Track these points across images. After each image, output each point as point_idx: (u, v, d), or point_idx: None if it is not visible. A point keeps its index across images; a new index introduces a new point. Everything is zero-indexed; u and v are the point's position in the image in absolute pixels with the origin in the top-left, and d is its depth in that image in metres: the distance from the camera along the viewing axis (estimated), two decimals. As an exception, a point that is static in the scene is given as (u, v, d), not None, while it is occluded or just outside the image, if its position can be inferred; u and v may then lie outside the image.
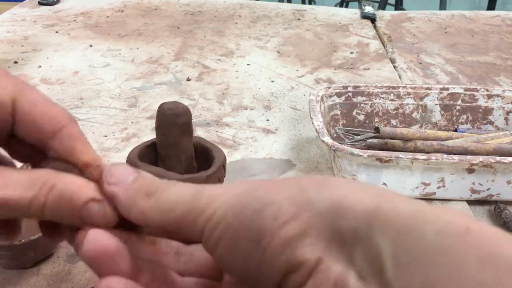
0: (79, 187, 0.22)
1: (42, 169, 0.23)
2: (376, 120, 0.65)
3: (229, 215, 0.19)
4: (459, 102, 0.65)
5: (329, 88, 0.64)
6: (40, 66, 0.84)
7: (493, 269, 0.15)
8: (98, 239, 0.20)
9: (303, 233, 0.18)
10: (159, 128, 0.44)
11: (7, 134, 0.23)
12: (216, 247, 0.19)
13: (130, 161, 0.45)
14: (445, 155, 0.50)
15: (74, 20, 1.07)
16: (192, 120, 0.45)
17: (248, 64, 0.89)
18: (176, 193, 0.21)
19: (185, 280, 0.23)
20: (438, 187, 0.52)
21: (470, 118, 0.66)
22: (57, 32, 1.00)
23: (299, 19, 1.15)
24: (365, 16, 1.16)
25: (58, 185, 0.22)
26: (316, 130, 0.53)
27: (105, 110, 0.71)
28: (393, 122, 0.65)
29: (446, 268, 0.15)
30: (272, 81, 0.83)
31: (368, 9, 1.18)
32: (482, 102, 0.65)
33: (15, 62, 0.85)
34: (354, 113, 0.65)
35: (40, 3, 1.16)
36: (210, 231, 0.19)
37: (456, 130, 0.65)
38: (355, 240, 0.17)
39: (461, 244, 0.16)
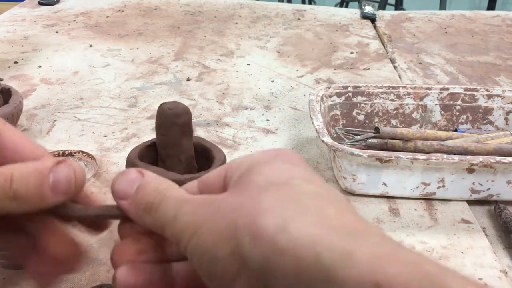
0: (41, 159, 0.23)
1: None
2: (376, 120, 0.65)
3: (194, 256, 0.21)
4: (459, 102, 0.65)
5: (329, 88, 0.64)
6: (40, 66, 0.84)
7: None
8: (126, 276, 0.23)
9: None
10: (159, 128, 0.44)
11: None
12: (196, 270, 0.21)
13: (130, 161, 0.45)
14: (445, 155, 0.50)
15: (74, 20, 1.07)
16: (192, 120, 0.45)
17: (248, 64, 0.89)
18: (165, 214, 0.22)
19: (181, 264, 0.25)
20: (438, 187, 0.52)
21: (470, 118, 0.66)
22: (57, 32, 1.00)
23: (299, 19, 1.15)
24: (365, 16, 1.16)
25: (21, 164, 0.22)
26: (316, 130, 0.53)
27: (105, 110, 0.71)
28: (393, 122, 0.65)
29: None
30: (272, 81, 0.83)
31: (368, 9, 1.18)
32: (482, 102, 0.65)
33: (15, 62, 0.85)
34: (354, 113, 0.65)
35: (40, 3, 1.16)
36: (188, 258, 0.21)
37: (456, 130, 0.65)
38: None
39: None
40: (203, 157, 0.47)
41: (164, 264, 0.24)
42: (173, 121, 0.43)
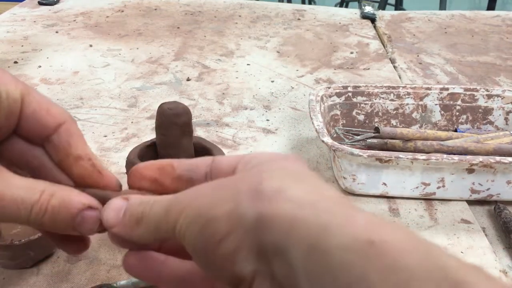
0: (76, 195, 0.24)
1: (41, 180, 0.25)
2: (376, 120, 0.65)
3: (188, 228, 0.21)
4: (459, 102, 0.65)
5: (329, 88, 0.64)
6: (40, 66, 0.84)
7: (393, 281, 0.16)
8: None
9: (236, 250, 0.19)
10: (159, 128, 0.44)
11: (12, 129, 0.25)
12: (187, 248, 0.22)
13: (130, 161, 0.45)
14: (445, 155, 0.50)
15: (74, 20, 1.07)
16: (192, 120, 0.45)
17: (248, 64, 0.89)
18: (155, 214, 0.23)
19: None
20: (438, 187, 0.52)
21: (470, 118, 0.66)
22: (57, 32, 1.00)
23: (299, 19, 1.15)
24: (365, 16, 1.16)
25: (58, 192, 0.24)
26: (316, 130, 0.53)
27: (105, 110, 0.71)
28: (393, 122, 0.65)
29: (350, 283, 0.16)
30: (272, 81, 0.83)
31: (368, 9, 1.18)
32: (482, 102, 0.65)
33: (15, 62, 0.85)
34: (354, 113, 0.65)
35: (40, 3, 1.16)
36: (181, 237, 0.22)
37: (456, 130, 0.65)
38: (275, 256, 0.18)
39: (363, 259, 0.16)
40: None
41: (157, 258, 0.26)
42: (173, 121, 0.43)
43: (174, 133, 0.44)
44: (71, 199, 0.24)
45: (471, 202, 0.54)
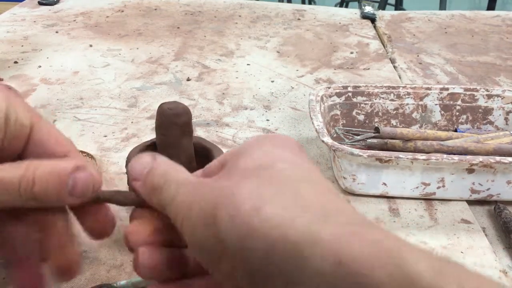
0: (62, 162, 0.25)
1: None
2: (376, 120, 0.65)
3: (186, 232, 0.22)
4: (459, 102, 0.65)
5: (329, 88, 0.64)
6: (40, 66, 0.84)
7: None
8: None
9: (233, 270, 0.20)
10: (159, 128, 0.44)
11: (17, 153, 0.26)
12: (189, 247, 0.23)
13: (130, 161, 0.45)
14: (445, 155, 0.50)
15: (74, 20, 1.07)
16: (192, 120, 0.45)
17: (248, 64, 0.89)
18: (166, 195, 0.24)
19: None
20: (438, 187, 0.52)
21: (470, 118, 0.66)
22: (57, 32, 1.00)
23: (299, 19, 1.15)
24: (365, 16, 1.16)
25: (43, 164, 0.24)
26: (316, 130, 0.53)
27: (105, 110, 0.71)
28: (393, 122, 0.65)
29: None
30: (272, 81, 0.83)
31: (368, 9, 1.18)
32: (482, 102, 0.65)
33: (15, 62, 0.85)
34: (354, 113, 0.65)
35: (40, 3, 1.16)
36: (182, 233, 0.23)
37: (456, 130, 0.65)
38: (263, 277, 0.19)
39: (335, 281, 0.17)
40: (203, 157, 0.47)
41: (178, 248, 0.26)
42: (173, 121, 0.43)
43: (174, 133, 0.44)
44: (58, 164, 0.24)
45: (471, 202, 0.54)
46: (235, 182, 0.21)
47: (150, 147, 0.48)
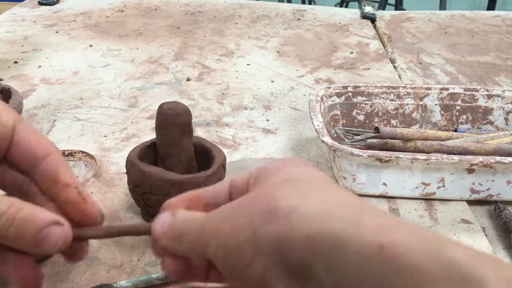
0: (43, 211, 0.25)
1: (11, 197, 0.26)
2: (376, 120, 0.65)
3: (217, 253, 0.23)
4: (459, 102, 0.65)
5: (329, 88, 0.64)
6: (40, 66, 0.84)
7: (404, 282, 0.17)
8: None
9: (266, 272, 0.20)
10: (159, 128, 0.44)
11: (2, 155, 0.27)
12: (221, 271, 0.23)
13: (130, 161, 0.45)
14: (445, 155, 0.50)
15: (74, 20, 1.07)
16: (192, 120, 0.45)
17: (248, 64, 0.89)
18: (191, 235, 0.25)
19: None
20: (438, 187, 0.52)
21: (470, 118, 0.66)
22: (57, 32, 1.00)
23: (299, 19, 1.15)
24: (365, 16, 1.16)
25: (27, 207, 0.25)
26: (316, 130, 0.53)
27: (105, 110, 0.71)
28: (393, 122, 0.65)
29: (368, 286, 0.17)
30: (272, 81, 0.83)
31: (368, 9, 1.18)
32: (482, 102, 0.65)
33: (15, 62, 0.85)
34: (354, 113, 0.65)
35: (40, 3, 1.16)
36: (214, 260, 0.23)
37: (456, 130, 0.65)
38: (303, 271, 0.19)
39: (375, 264, 0.17)
40: (203, 157, 0.47)
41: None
42: (173, 121, 0.43)
43: (174, 133, 0.44)
44: (38, 213, 0.25)
45: (471, 202, 0.54)
46: (267, 191, 0.22)
47: (150, 147, 0.48)
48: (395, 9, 2.40)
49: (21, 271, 0.26)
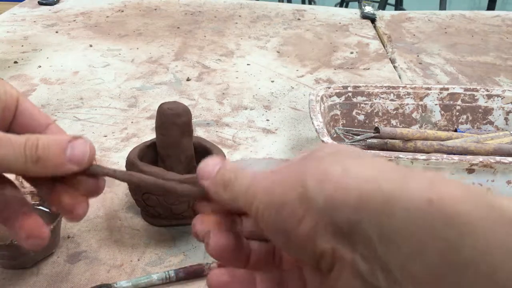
0: (59, 135, 0.27)
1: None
2: (376, 120, 0.65)
3: (264, 212, 0.23)
4: (459, 102, 0.65)
5: (329, 88, 0.64)
6: (40, 66, 0.84)
7: (455, 229, 0.18)
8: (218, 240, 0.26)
9: (314, 228, 0.21)
10: (159, 128, 0.44)
11: (9, 122, 0.28)
12: (265, 230, 0.24)
13: (130, 161, 0.45)
14: (445, 155, 0.50)
15: (74, 20, 1.07)
16: (192, 120, 0.45)
17: (248, 64, 0.89)
18: (238, 188, 0.25)
19: (252, 242, 0.28)
20: (438, 187, 0.52)
21: (470, 118, 0.66)
22: (57, 32, 1.00)
23: (299, 19, 1.15)
24: (365, 16, 1.16)
25: (42, 136, 0.26)
26: (316, 130, 0.53)
27: (105, 110, 0.71)
28: (393, 122, 0.65)
29: (418, 240, 0.18)
30: (272, 81, 0.83)
31: (368, 9, 1.18)
32: (482, 102, 0.65)
33: (15, 62, 0.85)
34: (354, 113, 0.65)
35: (40, 3, 1.16)
36: (258, 218, 0.24)
37: (456, 130, 0.65)
38: (351, 230, 0.20)
39: (425, 216, 0.18)
40: (203, 157, 0.47)
41: (240, 238, 0.27)
42: (173, 121, 0.43)
43: (174, 133, 0.44)
44: (56, 136, 0.27)
45: (471, 202, 0.54)
46: (317, 159, 0.23)
47: (150, 147, 0.48)
48: (395, 9, 2.40)
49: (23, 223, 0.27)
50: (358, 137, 0.60)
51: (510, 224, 0.17)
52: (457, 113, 0.66)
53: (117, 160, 0.59)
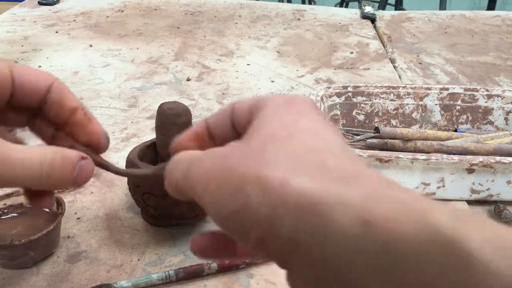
0: (70, 151, 0.28)
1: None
2: (376, 120, 0.65)
3: (215, 220, 0.22)
4: (459, 102, 0.65)
5: (329, 88, 0.64)
6: (40, 66, 0.84)
7: (390, 259, 0.17)
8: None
9: (263, 239, 0.20)
10: (159, 128, 0.44)
11: (6, 100, 0.28)
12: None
13: (130, 161, 0.45)
14: (445, 155, 0.50)
15: (74, 20, 1.07)
16: (192, 120, 0.45)
17: (248, 64, 0.89)
18: (175, 176, 0.25)
19: None
20: (438, 187, 0.52)
21: (470, 118, 0.66)
22: (57, 32, 1.00)
23: (299, 19, 1.15)
24: (365, 16, 1.16)
25: (58, 150, 0.27)
26: (316, 130, 0.53)
27: (105, 110, 0.71)
28: (393, 122, 0.65)
29: (355, 268, 0.18)
30: (272, 81, 0.83)
31: (368, 9, 1.18)
32: (482, 102, 0.65)
33: (15, 62, 0.85)
34: (354, 113, 0.65)
35: (40, 3, 1.16)
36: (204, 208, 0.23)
37: (456, 130, 0.65)
38: (294, 248, 0.20)
39: (360, 245, 0.17)
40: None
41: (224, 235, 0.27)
42: (173, 121, 0.43)
43: (174, 133, 0.44)
44: (69, 152, 0.27)
45: (471, 202, 0.54)
46: (259, 150, 0.22)
47: (150, 147, 0.48)
48: (395, 9, 2.40)
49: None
50: (358, 137, 0.60)
51: (444, 247, 0.16)
52: (457, 113, 0.66)
53: (117, 160, 0.59)
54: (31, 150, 0.26)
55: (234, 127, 0.27)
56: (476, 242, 0.16)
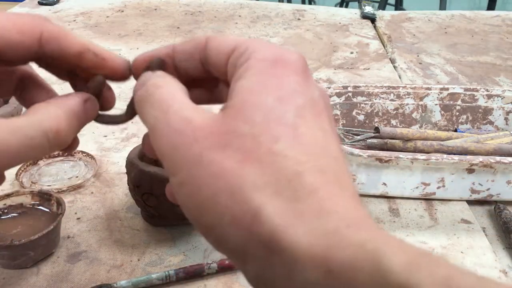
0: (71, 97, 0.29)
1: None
2: (376, 120, 0.65)
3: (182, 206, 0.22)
4: (459, 102, 0.65)
5: (329, 88, 0.64)
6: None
7: None
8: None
9: (243, 247, 0.20)
10: (159, 128, 0.44)
11: (36, 47, 0.26)
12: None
13: (130, 161, 0.45)
14: (445, 155, 0.50)
15: (74, 20, 1.07)
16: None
17: (248, 64, 0.89)
18: (149, 119, 0.26)
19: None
20: (438, 187, 0.52)
21: (470, 118, 0.66)
22: (57, 32, 1.00)
23: (299, 19, 1.15)
24: (365, 16, 1.16)
25: (62, 119, 0.27)
26: (316, 130, 0.53)
27: (105, 110, 0.71)
28: (393, 122, 0.65)
29: None
30: (272, 81, 0.82)
31: (368, 9, 1.18)
32: (482, 102, 0.65)
33: (15, 62, 0.85)
34: (354, 113, 0.65)
35: (40, 3, 1.16)
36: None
37: (456, 130, 0.65)
38: (262, 281, 0.20)
39: None
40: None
41: None
42: (173, 121, 0.43)
43: (174, 133, 0.44)
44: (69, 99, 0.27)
45: (471, 202, 0.54)
46: (235, 164, 0.20)
47: (150, 147, 0.48)
48: (395, 9, 2.40)
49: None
50: (358, 137, 0.60)
51: None
52: (457, 113, 0.66)
53: (117, 160, 0.59)
54: (32, 119, 0.24)
55: (203, 63, 0.25)
56: (426, 287, 0.16)
